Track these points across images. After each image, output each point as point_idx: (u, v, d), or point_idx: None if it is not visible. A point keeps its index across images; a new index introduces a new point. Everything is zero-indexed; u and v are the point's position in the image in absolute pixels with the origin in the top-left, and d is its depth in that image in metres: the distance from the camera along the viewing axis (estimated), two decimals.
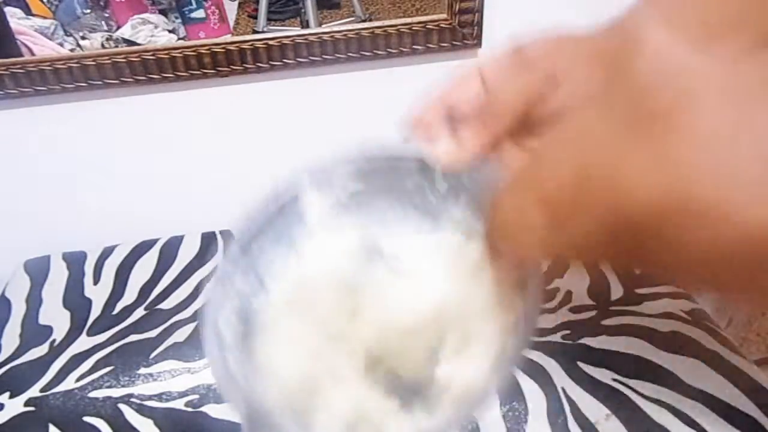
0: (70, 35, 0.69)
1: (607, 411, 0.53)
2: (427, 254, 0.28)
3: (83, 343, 0.64)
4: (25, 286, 0.73)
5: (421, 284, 0.28)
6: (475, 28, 0.73)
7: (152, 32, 0.71)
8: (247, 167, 0.83)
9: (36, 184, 0.78)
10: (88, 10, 0.69)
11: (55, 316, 0.68)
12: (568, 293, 0.66)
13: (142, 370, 0.60)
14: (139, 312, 0.68)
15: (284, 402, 0.26)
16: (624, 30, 0.19)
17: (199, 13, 0.72)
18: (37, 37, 0.67)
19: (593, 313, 0.63)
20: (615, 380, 0.56)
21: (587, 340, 0.60)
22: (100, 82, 0.70)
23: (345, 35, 0.72)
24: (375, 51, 0.73)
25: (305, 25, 0.74)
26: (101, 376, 0.60)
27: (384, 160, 0.28)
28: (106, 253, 0.78)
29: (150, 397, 0.57)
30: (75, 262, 0.76)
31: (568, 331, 0.61)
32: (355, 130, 0.82)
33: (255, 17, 0.75)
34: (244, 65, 0.72)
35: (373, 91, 0.78)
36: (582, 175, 0.18)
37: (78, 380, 0.59)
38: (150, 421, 0.55)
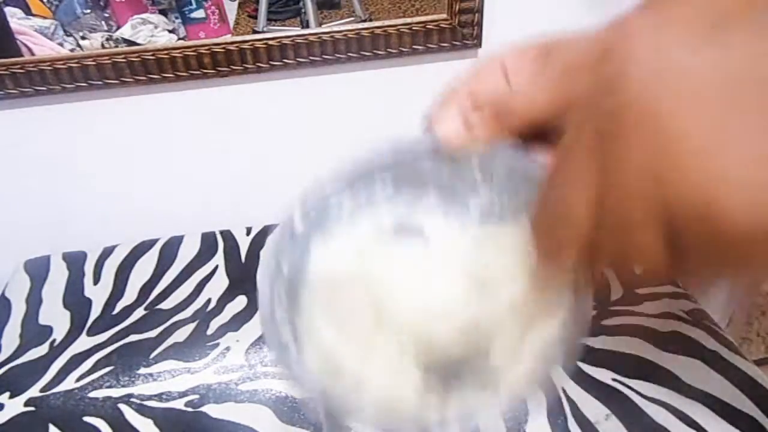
0: (70, 35, 0.69)
1: (607, 411, 0.53)
2: (456, 236, 0.28)
3: (83, 343, 0.64)
4: (25, 286, 0.73)
5: (451, 268, 0.27)
6: (475, 28, 0.73)
7: (152, 32, 0.71)
8: (246, 167, 0.83)
9: (36, 184, 0.78)
10: (88, 10, 0.69)
11: (55, 316, 0.68)
12: None
13: (142, 370, 0.60)
14: (139, 312, 0.68)
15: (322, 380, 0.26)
16: (619, 32, 0.19)
17: (199, 13, 0.72)
18: (37, 37, 0.67)
19: (593, 313, 0.63)
20: (615, 380, 0.56)
21: (587, 340, 0.60)
22: (100, 82, 0.70)
23: (345, 35, 0.72)
24: (375, 51, 0.73)
25: (305, 25, 0.74)
26: (101, 376, 0.60)
27: (403, 150, 0.28)
28: (106, 253, 0.78)
29: (150, 397, 0.57)
30: (75, 262, 0.76)
31: None
32: (355, 130, 0.82)
33: (255, 17, 0.75)
34: (244, 65, 0.72)
35: (373, 91, 0.78)
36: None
37: (78, 380, 0.59)
38: (150, 421, 0.55)
